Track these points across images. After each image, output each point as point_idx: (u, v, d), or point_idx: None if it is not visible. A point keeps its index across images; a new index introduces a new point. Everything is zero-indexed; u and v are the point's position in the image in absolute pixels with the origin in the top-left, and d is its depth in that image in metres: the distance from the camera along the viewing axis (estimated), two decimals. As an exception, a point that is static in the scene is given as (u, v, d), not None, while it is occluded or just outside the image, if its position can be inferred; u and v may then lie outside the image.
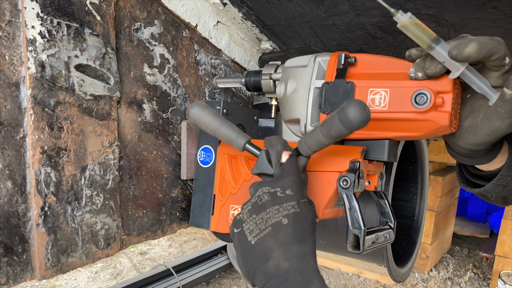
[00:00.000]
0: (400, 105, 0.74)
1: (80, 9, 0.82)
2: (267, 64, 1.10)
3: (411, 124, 0.74)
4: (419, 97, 0.71)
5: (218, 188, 0.98)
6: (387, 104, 0.75)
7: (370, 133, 0.81)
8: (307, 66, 0.88)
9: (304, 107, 0.86)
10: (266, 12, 1.12)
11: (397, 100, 0.74)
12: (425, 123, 0.73)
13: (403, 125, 0.76)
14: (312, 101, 0.85)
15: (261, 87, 1.10)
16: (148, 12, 0.97)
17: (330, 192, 0.80)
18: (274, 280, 0.60)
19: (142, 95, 0.98)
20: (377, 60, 0.81)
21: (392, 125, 0.77)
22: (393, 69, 0.78)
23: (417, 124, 0.74)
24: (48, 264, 0.81)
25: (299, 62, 0.91)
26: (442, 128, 0.72)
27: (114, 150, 0.91)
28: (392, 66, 0.78)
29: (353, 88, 0.78)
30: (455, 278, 3.52)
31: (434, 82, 0.71)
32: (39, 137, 0.77)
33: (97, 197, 0.88)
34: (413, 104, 0.72)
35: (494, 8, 0.90)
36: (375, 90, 0.77)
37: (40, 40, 0.75)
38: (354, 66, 0.82)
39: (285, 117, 0.92)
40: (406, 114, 0.73)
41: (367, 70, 0.81)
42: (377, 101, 0.76)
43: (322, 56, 0.87)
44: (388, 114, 0.75)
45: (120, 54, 0.92)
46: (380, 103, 0.76)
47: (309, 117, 0.85)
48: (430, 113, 0.71)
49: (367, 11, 1.00)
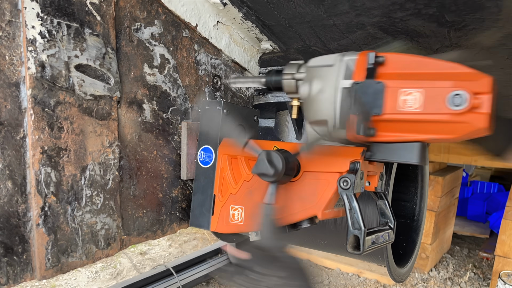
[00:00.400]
0: (435, 106, 0.71)
1: (80, 9, 0.82)
2: (288, 63, 1.06)
3: (446, 126, 0.72)
4: (456, 98, 0.68)
5: (218, 188, 0.98)
6: (422, 105, 0.72)
7: (401, 136, 0.78)
8: (333, 65, 0.85)
9: (332, 108, 0.83)
10: (266, 12, 1.11)
11: (432, 101, 0.71)
12: (461, 125, 0.70)
13: (437, 127, 0.73)
14: (340, 102, 0.82)
15: (282, 87, 1.06)
16: (148, 12, 0.97)
17: (330, 192, 0.80)
18: None
19: (142, 95, 0.98)
20: (408, 59, 0.77)
21: (425, 127, 0.74)
22: (425, 69, 0.75)
23: (453, 126, 0.71)
24: (48, 264, 0.80)
25: (324, 62, 0.87)
26: (480, 131, 0.69)
27: (114, 150, 0.91)
28: (425, 66, 0.75)
29: (383, 88, 0.75)
30: (455, 278, 3.52)
31: (471, 82, 0.68)
32: (39, 137, 0.77)
33: (97, 197, 0.88)
34: (449, 105, 0.69)
35: (495, 8, 0.90)
36: (408, 90, 0.74)
37: (40, 40, 0.75)
38: (383, 65, 0.79)
39: (310, 118, 0.89)
40: (441, 116, 0.71)
41: (398, 70, 0.78)
42: (410, 101, 0.74)
43: (350, 55, 0.84)
44: (422, 116, 0.72)
45: (120, 54, 0.92)
46: (414, 104, 0.73)
47: (338, 118, 0.82)
48: (467, 114, 0.68)
49: (367, 11, 1.00)
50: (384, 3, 0.95)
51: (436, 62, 0.73)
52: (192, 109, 1.13)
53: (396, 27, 1.06)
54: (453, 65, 0.71)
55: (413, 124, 0.75)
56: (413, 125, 0.75)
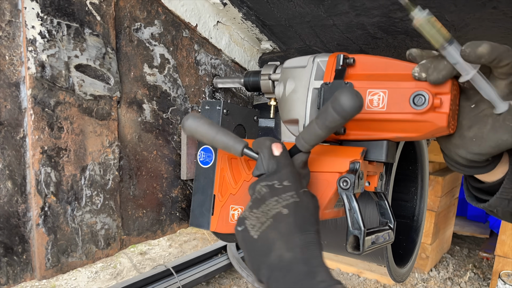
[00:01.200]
0: (398, 106, 0.74)
1: (80, 9, 0.82)
2: (266, 64, 1.10)
3: (409, 125, 0.75)
4: (417, 98, 0.71)
5: (218, 188, 0.98)
6: (385, 105, 0.75)
7: (369, 134, 0.81)
8: (305, 66, 0.88)
9: (303, 108, 0.86)
10: (266, 12, 1.12)
11: (395, 101, 0.74)
12: (423, 124, 0.73)
13: (401, 126, 0.76)
14: (310, 102, 0.85)
15: (260, 87, 1.10)
16: (148, 12, 0.97)
17: (330, 193, 0.80)
18: (278, 272, 0.60)
19: (142, 95, 0.98)
20: (376, 61, 0.80)
21: (391, 126, 0.77)
22: (392, 70, 0.78)
23: (415, 125, 0.74)
24: (48, 264, 0.81)
25: (298, 63, 0.91)
26: (440, 129, 0.72)
27: (114, 150, 0.91)
28: (390, 67, 0.78)
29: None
30: (455, 278, 3.52)
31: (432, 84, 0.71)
32: (39, 137, 0.77)
33: (97, 197, 0.88)
34: (411, 105, 0.72)
35: (494, 8, 0.90)
36: (374, 91, 0.77)
37: (40, 40, 0.75)
38: (353, 67, 0.82)
39: (284, 117, 0.92)
40: (404, 115, 0.73)
41: (366, 71, 0.81)
42: (375, 102, 0.76)
43: (321, 57, 0.87)
44: (386, 115, 0.75)
45: (120, 54, 0.92)
46: (379, 104, 0.76)
47: (308, 117, 0.85)
48: (428, 114, 0.71)
49: (367, 11, 1.00)
50: (384, 3, 0.95)
51: (403, 64, 0.77)
52: (192, 109, 1.13)
53: (396, 27, 1.06)
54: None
55: (379, 123, 0.77)
56: (380, 124, 0.78)
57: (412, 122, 0.73)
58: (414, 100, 0.71)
